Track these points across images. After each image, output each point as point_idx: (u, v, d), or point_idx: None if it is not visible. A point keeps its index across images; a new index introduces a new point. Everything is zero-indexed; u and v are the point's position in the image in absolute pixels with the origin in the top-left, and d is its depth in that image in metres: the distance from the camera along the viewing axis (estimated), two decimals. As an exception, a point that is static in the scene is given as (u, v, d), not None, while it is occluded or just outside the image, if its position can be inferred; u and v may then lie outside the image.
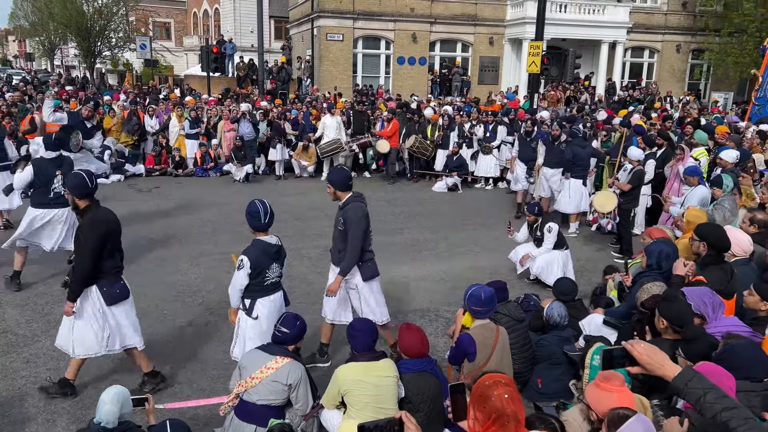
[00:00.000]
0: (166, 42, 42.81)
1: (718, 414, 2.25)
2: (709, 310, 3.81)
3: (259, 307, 4.81)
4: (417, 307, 7.23)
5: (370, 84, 26.63)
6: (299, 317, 4.25)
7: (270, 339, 4.67)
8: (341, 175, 5.46)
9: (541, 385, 5.02)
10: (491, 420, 2.34)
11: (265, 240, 4.81)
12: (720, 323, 3.82)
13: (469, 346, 4.42)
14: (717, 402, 2.27)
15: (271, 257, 4.81)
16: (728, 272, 4.48)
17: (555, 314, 5.10)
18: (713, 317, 3.83)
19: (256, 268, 4.70)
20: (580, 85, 25.88)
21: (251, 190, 13.21)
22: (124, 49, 35.83)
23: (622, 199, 8.95)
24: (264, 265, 4.75)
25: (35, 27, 46.34)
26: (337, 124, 14.19)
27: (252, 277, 4.71)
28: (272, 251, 4.82)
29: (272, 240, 4.87)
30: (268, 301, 4.86)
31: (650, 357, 2.40)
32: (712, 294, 3.92)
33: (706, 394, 2.28)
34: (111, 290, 4.85)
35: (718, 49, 27.69)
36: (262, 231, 4.84)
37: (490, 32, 28.34)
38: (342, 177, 5.42)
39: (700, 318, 3.80)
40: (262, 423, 3.92)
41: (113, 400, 3.44)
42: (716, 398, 2.28)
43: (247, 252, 4.72)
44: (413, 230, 10.49)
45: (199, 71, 27.93)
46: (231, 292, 4.84)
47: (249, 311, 4.80)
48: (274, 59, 28.80)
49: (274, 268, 4.84)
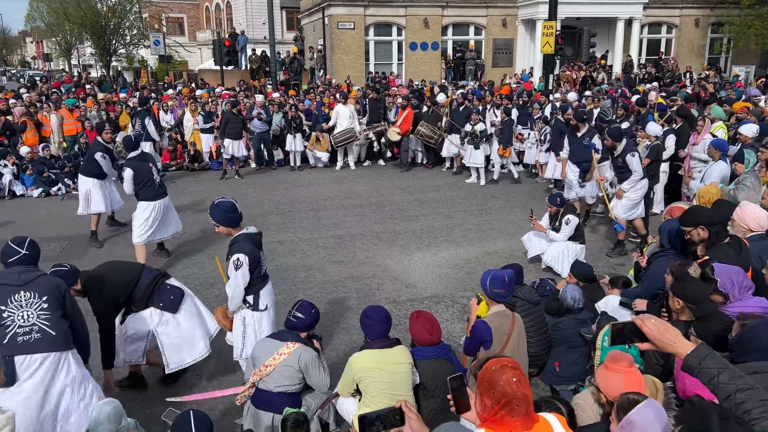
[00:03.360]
0: (179, 37, 43.03)
1: (732, 395, 2.15)
2: (735, 290, 3.63)
3: (263, 297, 4.80)
4: (433, 293, 7.22)
5: (383, 71, 26.49)
6: (314, 305, 4.25)
7: (269, 330, 4.74)
8: (221, 209, 4.65)
9: (559, 368, 4.98)
10: (500, 405, 2.31)
11: (247, 232, 4.75)
12: (743, 303, 3.68)
13: (486, 333, 4.38)
14: (731, 382, 2.17)
15: (259, 246, 4.80)
16: (736, 246, 4.34)
17: (568, 297, 5.04)
18: (737, 298, 3.66)
19: (253, 261, 4.64)
20: (596, 64, 25.47)
21: (266, 182, 13.27)
22: (139, 46, 36.09)
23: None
24: (258, 255, 4.72)
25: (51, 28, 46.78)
26: (350, 112, 14.13)
27: (251, 271, 4.65)
28: (258, 239, 4.81)
29: (252, 229, 4.83)
30: (268, 289, 4.87)
31: (661, 333, 2.28)
32: (744, 275, 3.73)
33: (720, 374, 2.18)
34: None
35: (738, 22, 26.98)
36: (238, 225, 4.76)
37: (503, 14, 27.95)
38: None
39: (723, 296, 3.69)
40: (280, 410, 3.93)
41: (108, 419, 3.34)
42: (731, 378, 2.18)
43: (241, 249, 4.57)
44: (428, 217, 10.45)
45: (213, 65, 28.04)
46: (234, 295, 4.62)
47: (255, 306, 4.76)
48: (286, 50, 28.74)
49: (263, 257, 4.84)
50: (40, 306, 3.75)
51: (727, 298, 3.62)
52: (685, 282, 3.65)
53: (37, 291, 3.79)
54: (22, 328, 3.69)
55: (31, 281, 3.81)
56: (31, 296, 3.76)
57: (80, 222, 10.39)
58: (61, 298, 3.87)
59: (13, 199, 12.14)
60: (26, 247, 3.96)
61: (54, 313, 3.78)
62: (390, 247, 8.86)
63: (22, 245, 3.96)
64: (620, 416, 2.46)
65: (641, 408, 2.40)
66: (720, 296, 3.63)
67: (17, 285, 3.76)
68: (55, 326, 3.76)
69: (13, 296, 3.74)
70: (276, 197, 11.92)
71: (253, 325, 4.79)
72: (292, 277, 7.74)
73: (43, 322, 3.73)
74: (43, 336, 3.73)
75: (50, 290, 3.83)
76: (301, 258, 8.49)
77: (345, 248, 8.84)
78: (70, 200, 12.06)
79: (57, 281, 3.99)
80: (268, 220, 10.33)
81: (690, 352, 2.26)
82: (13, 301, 3.73)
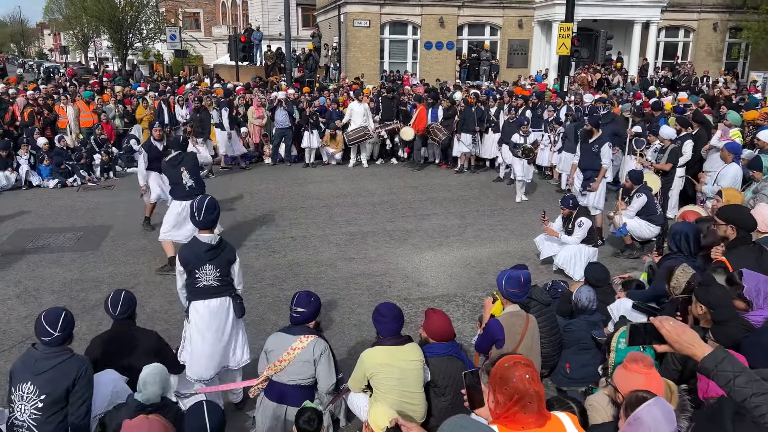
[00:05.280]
0: (195, 32, 43.19)
1: (747, 398, 2.15)
2: (760, 299, 3.61)
3: (191, 311, 4.58)
4: (444, 293, 7.23)
5: (397, 69, 26.49)
6: (311, 293, 4.22)
7: (209, 347, 4.57)
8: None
9: (570, 370, 4.98)
10: (513, 401, 2.32)
11: (199, 237, 4.54)
12: (764, 312, 3.62)
13: (498, 332, 4.38)
14: (747, 386, 2.16)
15: (202, 258, 4.48)
16: (756, 252, 4.32)
17: (583, 298, 5.04)
18: (761, 306, 3.64)
19: (185, 266, 4.49)
20: (612, 67, 25.30)
21: (280, 178, 13.32)
22: (155, 41, 36.32)
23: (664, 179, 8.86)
24: (192, 265, 4.47)
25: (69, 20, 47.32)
26: (364, 110, 14.16)
27: (187, 277, 4.54)
28: (202, 250, 4.48)
29: (205, 239, 4.52)
30: (202, 305, 4.55)
31: (679, 335, 2.29)
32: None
33: (736, 378, 2.18)
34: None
35: (756, 27, 26.71)
36: (205, 229, 4.56)
37: (519, 14, 27.85)
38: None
39: (747, 303, 3.64)
40: (294, 402, 3.97)
41: (155, 380, 3.49)
42: (747, 382, 2.17)
43: (180, 249, 4.57)
44: (440, 216, 10.45)
45: (228, 61, 28.14)
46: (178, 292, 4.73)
47: (186, 312, 4.65)
48: (301, 47, 28.82)
49: (207, 269, 4.49)
50: (35, 404, 3.58)
51: (750, 306, 3.59)
52: (709, 287, 3.61)
53: (39, 386, 3.56)
54: (18, 420, 3.62)
55: (41, 373, 3.57)
56: (32, 391, 3.57)
57: (95, 213, 10.52)
58: (66, 392, 3.60)
59: (30, 189, 12.28)
60: (59, 328, 3.60)
61: (45, 413, 3.58)
62: (401, 246, 8.88)
63: (54, 326, 3.59)
64: (628, 413, 2.47)
65: (649, 405, 2.40)
66: (743, 302, 3.59)
67: (29, 373, 3.60)
68: (42, 428, 3.60)
69: (21, 385, 3.60)
70: (289, 193, 11.97)
71: (185, 328, 4.70)
72: (304, 273, 7.78)
73: (32, 422, 3.59)
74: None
75: (55, 387, 3.57)
76: (313, 254, 8.52)
77: (357, 245, 8.87)
78: (85, 191, 12.20)
79: (71, 372, 3.60)
80: (281, 215, 10.38)
81: (707, 355, 2.26)
82: (18, 390, 3.59)
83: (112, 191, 12.31)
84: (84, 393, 3.62)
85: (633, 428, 2.38)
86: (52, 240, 9.08)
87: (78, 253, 8.50)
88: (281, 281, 7.52)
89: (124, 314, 4.22)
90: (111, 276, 7.65)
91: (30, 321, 6.39)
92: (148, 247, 8.71)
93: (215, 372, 4.67)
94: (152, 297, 7.03)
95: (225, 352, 4.70)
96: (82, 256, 8.35)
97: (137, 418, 3.10)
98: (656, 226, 7.98)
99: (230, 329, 4.67)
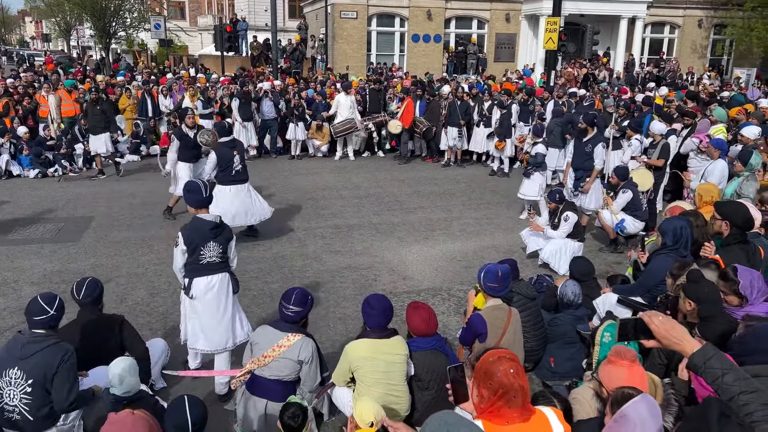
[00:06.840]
0: (180, 22, 42.75)
1: (735, 396, 2.14)
2: (754, 294, 3.63)
3: (194, 287, 4.70)
4: (429, 286, 7.21)
5: (384, 62, 26.38)
6: (308, 292, 4.17)
7: (207, 320, 4.71)
8: (185, 189, 4.91)
9: (554, 364, 4.99)
10: (497, 396, 2.31)
11: (202, 217, 4.69)
12: (754, 308, 3.64)
13: (481, 326, 4.38)
14: (735, 384, 2.15)
15: (207, 235, 4.65)
16: (750, 252, 4.34)
17: (569, 292, 5.04)
18: (754, 301, 3.66)
19: (189, 245, 4.59)
20: (598, 62, 25.41)
21: (264, 170, 13.21)
22: (139, 30, 35.81)
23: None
24: (197, 242, 4.61)
25: (51, 8, 46.48)
26: (350, 103, 14.08)
27: (189, 255, 4.63)
28: (207, 228, 4.65)
29: (209, 217, 4.71)
30: (205, 281, 4.71)
31: (668, 331, 2.28)
32: (763, 280, 3.72)
33: (724, 375, 2.17)
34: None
35: (741, 24, 26.96)
36: (203, 207, 4.74)
37: (507, 8, 27.85)
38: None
39: (741, 299, 3.65)
40: (274, 397, 3.94)
41: (133, 372, 3.50)
42: (735, 380, 2.16)
43: (182, 229, 4.68)
44: (426, 210, 10.43)
45: (214, 51, 27.87)
46: (174, 271, 4.84)
47: (187, 290, 4.73)
48: (288, 38, 28.58)
49: (211, 246, 4.67)
50: (24, 389, 3.61)
51: (746, 301, 3.60)
52: (699, 284, 3.61)
53: (26, 371, 3.60)
54: (8, 406, 3.63)
55: (28, 357, 3.61)
56: (19, 376, 3.60)
57: (77, 204, 10.36)
58: (51, 377, 3.62)
59: (10, 179, 12.06)
60: (56, 308, 3.73)
61: (36, 399, 3.62)
62: (387, 239, 8.85)
63: (51, 304, 3.73)
64: (614, 409, 2.46)
65: (635, 402, 2.40)
66: (737, 298, 3.60)
67: (15, 358, 3.62)
68: (34, 411, 3.63)
69: (7, 371, 3.62)
70: (274, 185, 11.87)
71: (185, 307, 4.84)
72: (288, 266, 7.72)
73: (24, 407, 3.62)
74: (22, 419, 3.66)
75: (40, 372, 3.60)
76: (299, 247, 8.47)
77: (342, 238, 8.83)
78: (66, 182, 12.01)
79: (55, 356, 3.63)
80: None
81: (696, 351, 2.25)
82: (5, 376, 3.62)
83: (94, 182, 12.12)
84: (67, 378, 3.66)
85: (619, 425, 2.37)
86: (32, 231, 8.93)
87: (59, 244, 8.37)
88: (266, 274, 7.46)
89: (88, 298, 4.32)
90: (92, 268, 7.53)
91: (8, 313, 6.30)
92: (131, 238, 8.60)
93: (233, 344, 4.88)
94: (134, 289, 6.94)
95: (233, 325, 4.89)
96: (63, 248, 8.23)
97: (123, 412, 3.06)
98: (641, 221, 8.03)
99: (231, 304, 4.88)
